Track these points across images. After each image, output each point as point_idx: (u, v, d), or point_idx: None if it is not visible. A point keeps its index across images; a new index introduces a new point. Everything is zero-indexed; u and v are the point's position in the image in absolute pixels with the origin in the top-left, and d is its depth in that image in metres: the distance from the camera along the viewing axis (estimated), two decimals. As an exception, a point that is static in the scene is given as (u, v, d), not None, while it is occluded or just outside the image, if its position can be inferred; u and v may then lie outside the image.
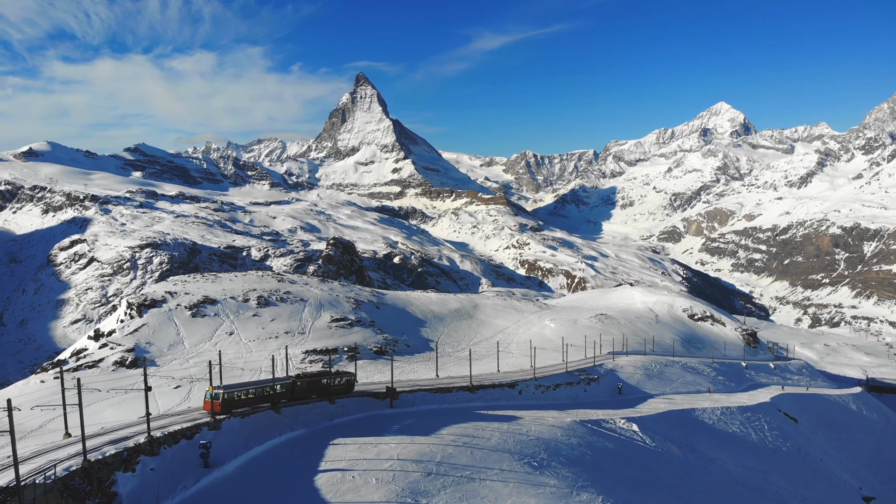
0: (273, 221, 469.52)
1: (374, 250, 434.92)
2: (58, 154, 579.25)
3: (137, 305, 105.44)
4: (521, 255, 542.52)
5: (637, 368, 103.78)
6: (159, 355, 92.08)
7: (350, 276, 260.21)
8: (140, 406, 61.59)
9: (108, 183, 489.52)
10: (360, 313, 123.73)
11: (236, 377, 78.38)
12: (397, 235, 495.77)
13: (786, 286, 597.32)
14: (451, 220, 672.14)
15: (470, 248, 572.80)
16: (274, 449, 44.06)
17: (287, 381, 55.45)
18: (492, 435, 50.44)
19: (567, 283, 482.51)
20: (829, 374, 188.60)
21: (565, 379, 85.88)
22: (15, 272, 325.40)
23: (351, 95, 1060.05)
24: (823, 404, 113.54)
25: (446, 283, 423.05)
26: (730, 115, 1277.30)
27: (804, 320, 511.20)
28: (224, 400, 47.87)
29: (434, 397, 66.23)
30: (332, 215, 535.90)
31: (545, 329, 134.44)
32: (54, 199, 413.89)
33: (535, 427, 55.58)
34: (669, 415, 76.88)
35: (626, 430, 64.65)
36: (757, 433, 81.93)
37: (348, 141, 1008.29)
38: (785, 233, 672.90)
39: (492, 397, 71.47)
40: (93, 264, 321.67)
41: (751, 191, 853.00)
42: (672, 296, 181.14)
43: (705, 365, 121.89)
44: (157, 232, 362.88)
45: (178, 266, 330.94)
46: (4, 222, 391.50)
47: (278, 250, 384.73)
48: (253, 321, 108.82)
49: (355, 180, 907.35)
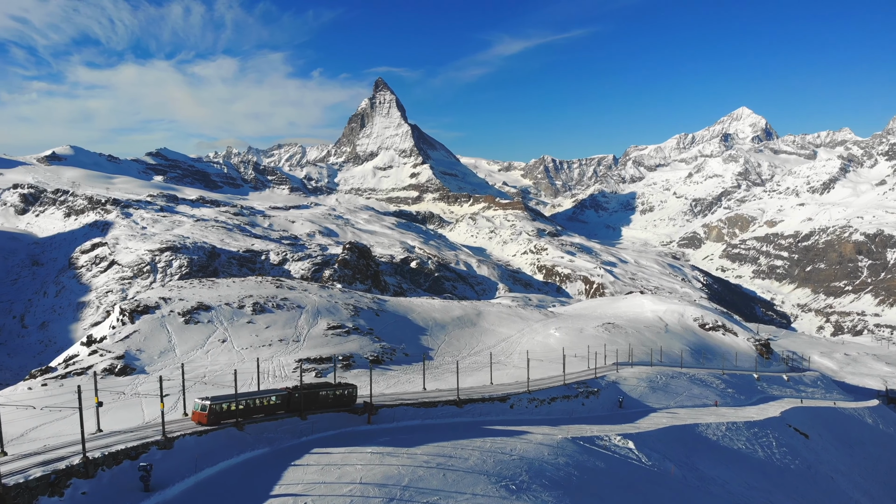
0: (292, 226, 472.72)
1: (392, 255, 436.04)
2: (81, 158, 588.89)
3: (130, 311, 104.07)
4: (539, 261, 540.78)
5: (641, 380, 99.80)
6: (150, 363, 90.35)
7: (366, 280, 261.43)
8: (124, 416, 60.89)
9: (129, 187, 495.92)
10: (358, 321, 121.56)
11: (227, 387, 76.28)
12: (414, 240, 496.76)
13: (808, 293, 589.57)
14: (468, 225, 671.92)
15: (487, 252, 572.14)
16: (227, 471, 41.22)
17: (282, 393, 53.57)
18: (471, 454, 47.64)
19: (585, 288, 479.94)
20: (848, 384, 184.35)
21: (562, 392, 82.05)
22: (37, 274, 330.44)
23: (370, 101, 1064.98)
24: (837, 418, 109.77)
25: (463, 288, 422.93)
26: (751, 120, 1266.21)
27: (826, 328, 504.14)
28: (211, 410, 46.76)
29: (417, 412, 62.62)
30: (350, 220, 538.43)
31: (549, 338, 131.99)
32: (76, 202, 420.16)
33: (520, 445, 52.92)
34: (670, 430, 73.79)
35: (621, 447, 61.64)
36: (764, 450, 78.60)
37: (367, 146, 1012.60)
38: (807, 239, 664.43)
39: (480, 412, 67.99)
40: (113, 267, 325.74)
41: (772, 197, 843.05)
42: (683, 304, 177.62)
43: (714, 377, 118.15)
44: (177, 235, 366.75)
45: (198, 269, 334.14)
46: (27, 225, 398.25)
47: (296, 254, 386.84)
48: (247, 328, 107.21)
49: (373, 185, 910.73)
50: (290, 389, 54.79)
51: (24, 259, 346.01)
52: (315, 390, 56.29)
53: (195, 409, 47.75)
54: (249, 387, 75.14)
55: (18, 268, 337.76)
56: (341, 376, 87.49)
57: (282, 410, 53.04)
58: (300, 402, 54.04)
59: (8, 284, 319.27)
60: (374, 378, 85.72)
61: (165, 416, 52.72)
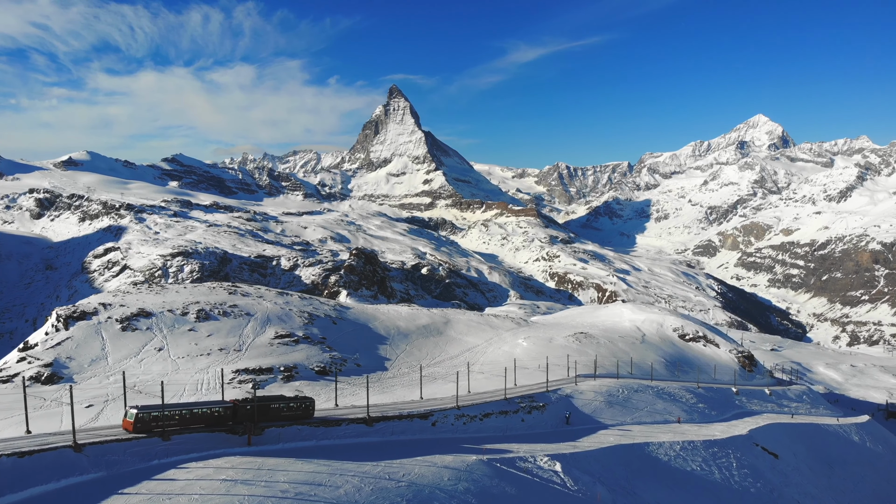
0: (304, 231, 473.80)
1: (403, 261, 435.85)
2: (97, 164, 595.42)
3: (65, 317, 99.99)
4: (551, 268, 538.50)
5: (599, 394, 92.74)
6: (79, 371, 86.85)
7: (372, 286, 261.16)
8: (43, 425, 58.15)
9: (144, 192, 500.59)
10: (311, 329, 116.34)
11: (157, 397, 72.53)
12: (426, 246, 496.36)
13: (824, 303, 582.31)
14: (480, 232, 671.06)
15: (499, 259, 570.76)
16: (33, 499, 36.97)
17: (227, 405, 52.31)
18: (347, 482, 42.02)
19: (598, 296, 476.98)
20: (848, 398, 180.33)
21: (500, 407, 75.51)
22: (50, 278, 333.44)
23: (384, 108, 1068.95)
24: (819, 436, 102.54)
25: (474, 295, 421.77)
26: (768, 128, 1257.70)
27: (842, 338, 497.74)
28: (138, 418, 46.64)
29: (314, 432, 56.08)
30: (363, 226, 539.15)
31: (516, 348, 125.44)
32: (91, 207, 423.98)
33: (418, 469, 47.21)
34: (614, 450, 67.61)
35: (545, 469, 55.92)
36: (722, 472, 72.27)
37: (381, 152, 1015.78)
38: (823, 248, 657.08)
39: (393, 431, 61.42)
40: (125, 272, 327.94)
41: (788, 205, 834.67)
42: (663, 314, 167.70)
43: (687, 390, 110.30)
44: (189, 241, 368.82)
45: (209, 275, 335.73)
46: (42, 230, 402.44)
47: (307, 260, 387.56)
48: (187, 336, 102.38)
49: (387, 191, 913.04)
50: (236, 401, 53.59)
51: (37, 263, 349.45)
52: (266, 403, 54.63)
53: (126, 417, 47.91)
54: (180, 398, 72.75)
55: (32, 272, 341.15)
56: (280, 388, 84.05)
57: (229, 423, 51.67)
58: (250, 415, 52.53)
59: (21, 288, 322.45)
60: (316, 391, 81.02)
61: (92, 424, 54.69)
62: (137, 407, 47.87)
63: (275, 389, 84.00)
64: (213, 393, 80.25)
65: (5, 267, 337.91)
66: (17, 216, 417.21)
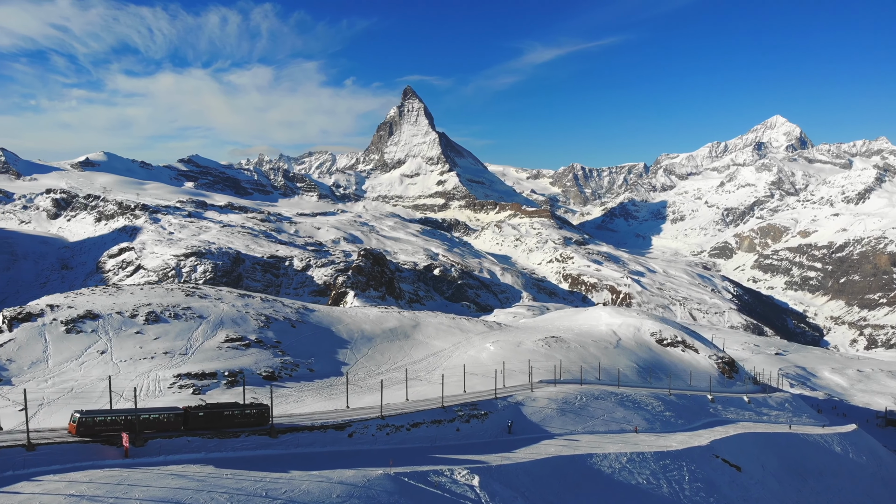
0: (317, 232, 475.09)
1: (415, 262, 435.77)
2: (114, 164, 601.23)
3: (10, 318, 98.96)
4: (565, 269, 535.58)
5: (553, 401, 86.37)
6: (18, 374, 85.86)
7: (380, 287, 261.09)
8: None
9: (160, 193, 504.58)
10: (265, 333, 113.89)
11: (93, 401, 72.37)
12: (439, 247, 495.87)
13: (841, 306, 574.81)
14: (493, 233, 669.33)
15: (512, 261, 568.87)
16: None
17: (178, 411, 51.78)
18: (211, 499, 38.44)
19: (612, 298, 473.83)
20: (848, 404, 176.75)
21: (434, 416, 70.04)
22: (65, 278, 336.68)
23: (398, 109, 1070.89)
24: (796, 446, 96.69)
25: (486, 296, 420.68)
26: (785, 129, 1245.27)
27: (860, 341, 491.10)
28: (80, 422, 46.82)
29: (205, 444, 51.37)
30: (376, 227, 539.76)
31: (483, 352, 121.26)
32: (107, 207, 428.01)
33: (305, 485, 43.01)
34: (551, 462, 62.74)
35: (460, 484, 51.41)
36: (671, 486, 66.81)
37: (395, 153, 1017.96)
38: (841, 250, 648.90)
39: (300, 443, 56.71)
40: (139, 272, 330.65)
41: (806, 206, 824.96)
42: (640, 318, 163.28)
43: (655, 398, 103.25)
44: (203, 241, 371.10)
45: (222, 275, 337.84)
46: (59, 229, 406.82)
47: (320, 260, 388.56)
48: (133, 339, 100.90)
49: (400, 192, 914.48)
50: (188, 407, 53.31)
51: (53, 263, 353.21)
52: (219, 410, 54.03)
53: (70, 420, 48.08)
54: (117, 403, 71.77)
55: (48, 271, 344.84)
56: (221, 394, 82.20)
57: (180, 428, 51.20)
58: (201, 422, 52.19)
59: (37, 287, 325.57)
60: (261, 398, 76.69)
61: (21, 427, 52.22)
62: (81, 411, 47.86)
63: (216, 395, 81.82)
64: (152, 398, 78.84)
65: (22, 266, 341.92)
66: (34, 216, 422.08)
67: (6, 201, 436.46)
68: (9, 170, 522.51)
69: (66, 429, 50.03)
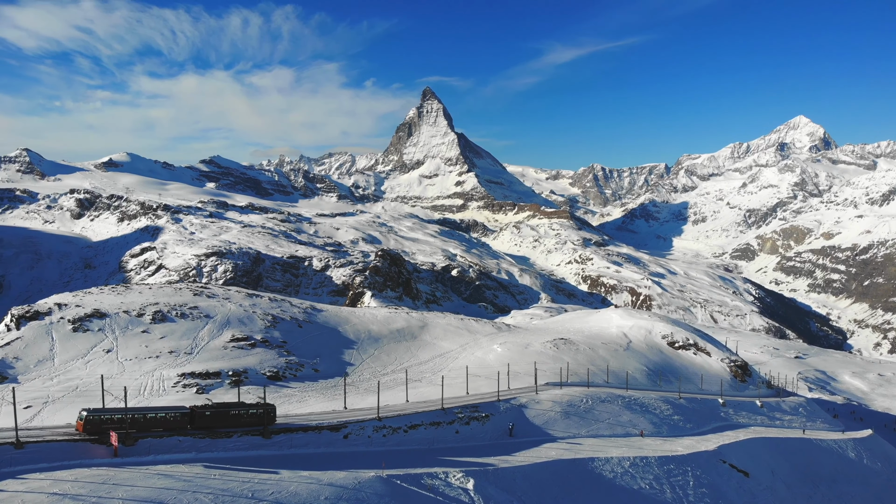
0: (336, 233, 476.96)
1: (433, 262, 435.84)
2: (137, 165, 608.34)
3: (18, 317, 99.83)
4: (584, 271, 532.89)
5: (558, 404, 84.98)
6: (24, 371, 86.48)
7: (397, 287, 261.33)
8: None
9: (182, 193, 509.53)
10: (271, 332, 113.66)
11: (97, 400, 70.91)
12: (457, 248, 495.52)
13: (865, 309, 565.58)
14: (512, 234, 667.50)
15: (531, 262, 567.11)
16: None
17: (184, 410, 52.22)
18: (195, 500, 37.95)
19: (632, 300, 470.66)
20: (867, 409, 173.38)
21: (433, 418, 69.02)
22: (88, 277, 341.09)
23: (417, 110, 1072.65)
24: (807, 451, 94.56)
25: (504, 297, 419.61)
26: (809, 130, 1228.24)
27: (883, 345, 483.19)
28: (87, 420, 47.20)
29: (196, 444, 50.67)
30: (394, 227, 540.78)
31: (490, 353, 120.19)
32: (129, 207, 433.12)
33: (294, 486, 42.31)
34: (551, 465, 61.37)
35: (454, 487, 50.47)
36: (675, 491, 65.22)
37: (413, 154, 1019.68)
38: (865, 252, 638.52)
39: (295, 444, 56.19)
40: (161, 271, 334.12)
41: (829, 208, 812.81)
42: (652, 320, 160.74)
43: (664, 401, 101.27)
44: (223, 241, 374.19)
45: (242, 274, 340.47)
46: (82, 229, 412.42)
47: (338, 261, 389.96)
48: (139, 338, 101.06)
49: (419, 193, 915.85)
50: (194, 407, 53.58)
51: (77, 262, 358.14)
52: (225, 409, 54.30)
53: (78, 418, 48.54)
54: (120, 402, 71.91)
55: (71, 270, 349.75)
56: (224, 394, 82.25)
57: (187, 427, 51.62)
58: (208, 421, 52.60)
59: (61, 287, 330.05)
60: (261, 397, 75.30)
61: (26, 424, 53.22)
62: (88, 410, 48.31)
63: (220, 395, 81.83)
64: (156, 397, 78.83)
65: (45, 266, 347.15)
66: (57, 216, 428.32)
67: (31, 201, 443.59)
68: (33, 170, 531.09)
69: (66, 426, 50.70)
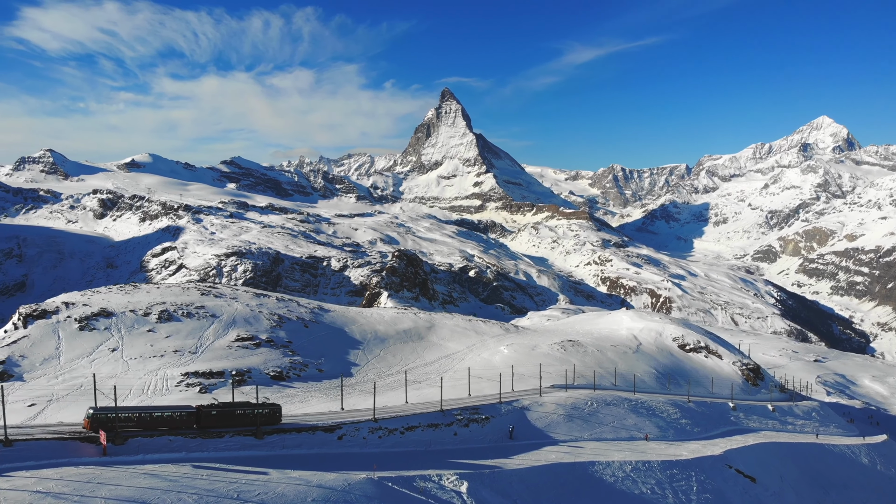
0: (355, 233, 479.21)
1: (450, 263, 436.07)
2: (158, 166, 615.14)
3: (25, 315, 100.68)
4: (603, 272, 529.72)
5: (561, 407, 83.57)
6: (30, 370, 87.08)
7: (413, 288, 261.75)
8: None
9: (203, 194, 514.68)
10: (277, 332, 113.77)
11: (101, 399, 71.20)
12: (474, 249, 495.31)
13: (889, 311, 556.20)
14: (530, 235, 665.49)
15: (549, 263, 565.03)
16: None
17: (190, 410, 52.69)
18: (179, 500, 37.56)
19: (651, 302, 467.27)
20: (886, 413, 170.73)
21: (430, 420, 68.13)
22: (110, 276, 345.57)
23: (436, 111, 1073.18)
24: (818, 457, 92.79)
25: (522, 298, 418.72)
26: (832, 130, 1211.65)
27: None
28: (94, 418, 47.82)
29: (187, 443, 50.45)
30: (412, 228, 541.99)
31: (496, 355, 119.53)
32: (151, 208, 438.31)
33: (282, 487, 41.73)
34: (549, 469, 60.21)
35: (447, 490, 49.45)
36: (677, 497, 63.57)
37: (432, 155, 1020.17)
38: (889, 255, 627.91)
39: (288, 444, 55.51)
40: (181, 271, 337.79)
41: (853, 209, 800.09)
42: (663, 322, 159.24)
43: (672, 405, 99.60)
44: (243, 241, 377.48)
45: (262, 274, 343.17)
46: (105, 229, 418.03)
47: (357, 261, 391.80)
48: (145, 337, 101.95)
49: (437, 194, 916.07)
50: (201, 406, 54.05)
51: (99, 261, 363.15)
52: (231, 409, 54.66)
53: (85, 416, 49.19)
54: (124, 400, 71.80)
55: (94, 269, 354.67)
56: (228, 393, 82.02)
57: (193, 426, 52.05)
58: (214, 420, 53.06)
59: (83, 285, 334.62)
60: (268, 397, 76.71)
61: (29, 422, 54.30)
62: (95, 407, 49.03)
63: (222, 394, 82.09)
64: (159, 396, 79.23)
65: (69, 265, 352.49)
66: (80, 216, 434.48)
67: (54, 201, 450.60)
68: (57, 171, 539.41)
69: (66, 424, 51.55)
